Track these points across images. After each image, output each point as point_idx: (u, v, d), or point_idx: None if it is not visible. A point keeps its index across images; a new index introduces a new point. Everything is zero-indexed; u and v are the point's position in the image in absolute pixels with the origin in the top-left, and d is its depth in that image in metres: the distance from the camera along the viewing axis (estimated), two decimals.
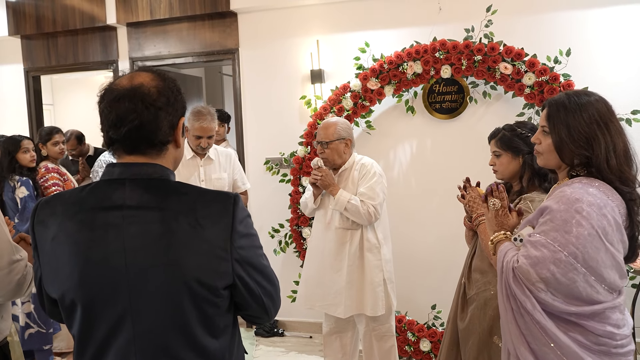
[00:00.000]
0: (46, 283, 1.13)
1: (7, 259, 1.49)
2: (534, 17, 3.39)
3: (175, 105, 1.13)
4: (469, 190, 2.04)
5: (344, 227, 2.72)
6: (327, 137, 2.73)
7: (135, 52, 4.27)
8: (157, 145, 1.11)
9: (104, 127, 1.10)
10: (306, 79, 3.86)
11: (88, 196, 1.10)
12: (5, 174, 3.32)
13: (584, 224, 1.37)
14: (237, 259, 1.09)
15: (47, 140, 3.64)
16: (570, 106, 1.48)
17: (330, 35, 3.80)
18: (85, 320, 1.08)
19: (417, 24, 3.59)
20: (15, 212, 3.33)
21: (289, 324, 4.09)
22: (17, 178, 3.31)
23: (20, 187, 3.30)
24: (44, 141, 3.64)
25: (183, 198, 1.09)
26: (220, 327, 1.12)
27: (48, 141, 3.64)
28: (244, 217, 1.12)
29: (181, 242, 1.05)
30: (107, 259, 1.05)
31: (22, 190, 3.30)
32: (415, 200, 3.72)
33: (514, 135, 2.06)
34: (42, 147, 3.63)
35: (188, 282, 1.05)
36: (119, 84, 1.09)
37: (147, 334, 1.06)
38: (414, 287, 3.70)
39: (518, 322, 1.44)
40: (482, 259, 2.05)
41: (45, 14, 4.34)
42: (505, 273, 1.46)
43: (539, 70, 3.19)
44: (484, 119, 3.50)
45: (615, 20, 3.27)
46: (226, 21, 4.01)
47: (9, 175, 3.34)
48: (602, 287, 1.39)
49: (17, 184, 3.30)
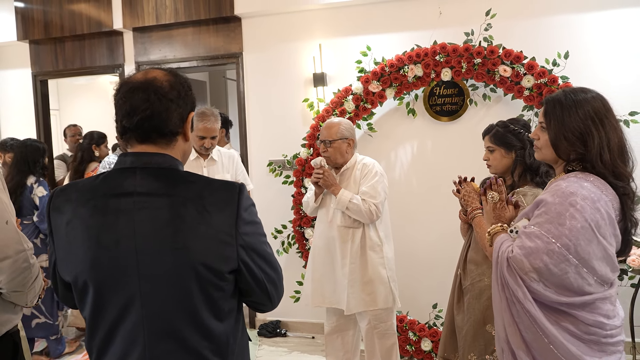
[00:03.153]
0: (60, 267, 1.19)
1: (14, 248, 1.54)
2: (533, 21, 3.45)
3: (186, 100, 1.19)
4: (463, 185, 2.10)
5: (345, 225, 2.77)
6: (330, 136, 2.78)
7: (141, 57, 4.34)
8: (167, 135, 1.16)
9: (117, 117, 1.16)
10: (309, 82, 3.92)
11: (101, 184, 1.15)
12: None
13: (577, 217, 1.41)
14: (241, 245, 1.13)
15: (101, 142, 4.10)
16: (566, 103, 1.52)
17: (332, 39, 3.86)
18: (97, 303, 1.13)
19: (417, 27, 3.65)
20: (31, 211, 3.45)
21: (291, 325, 4.12)
22: (34, 179, 3.45)
23: (38, 187, 3.45)
24: (97, 143, 4.08)
25: (191, 186, 1.14)
26: (225, 310, 1.16)
27: (102, 144, 4.10)
28: (248, 205, 1.17)
29: (189, 227, 1.10)
30: (118, 243, 1.10)
31: (41, 190, 3.44)
32: (417, 200, 3.77)
33: (507, 132, 2.13)
34: (95, 149, 4.05)
35: (195, 265, 1.10)
36: (134, 78, 1.16)
37: (156, 316, 1.11)
38: (415, 287, 3.73)
39: (511, 311, 1.49)
40: (476, 251, 2.10)
41: (53, 20, 4.43)
42: (500, 263, 1.50)
43: (537, 72, 3.24)
44: (484, 121, 3.53)
45: (611, 23, 3.32)
46: (230, 26, 4.08)
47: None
48: (593, 279, 1.43)
49: (35, 185, 3.44)
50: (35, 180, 3.45)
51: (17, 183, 3.35)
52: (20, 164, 3.41)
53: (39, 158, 3.47)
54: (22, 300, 1.63)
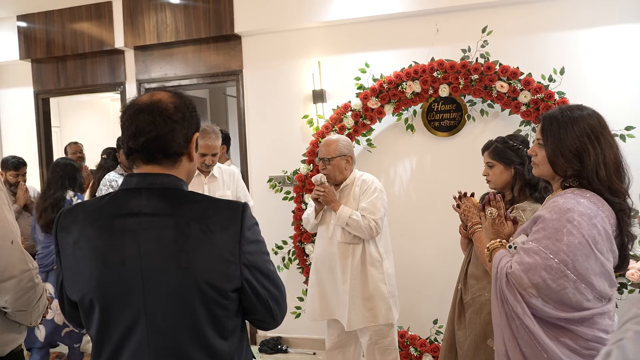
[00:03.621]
0: (67, 286, 1.20)
1: (20, 268, 1.55)
2: (528, 37, 3.50)
3: (190, 121, 1.21)
4: (463, 200, 2.12)
5: (345, 242, 2.78)
6: (329, 153, 2.81)
7: (142, 75, 4.39)
8: (171, 156, 1.19)
9: (124, 139, 1.19)
10: (308, 99, 3.97)
11: (107, 204, 1.18)
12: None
13: (574, 232, 1.42)
14: (245, 264, 1.15)
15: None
16: (563, 120, 1.55)
17: (331, 56, 3.91)
18: (103, 322, 1.14)
19: (415, 44, 3.70)
20: None
21: (292, 341, 4.11)
22: (72, 193, 3.63)
23: (77, 200, 3.63)
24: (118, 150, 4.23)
25: (195, 205, 1.16)
26: (229, 329, 1.18)
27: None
28: (251, 224, 1.19)
29: (193, 246, 1.12)
30: (124, 263, 1.12)
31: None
32: (416, 215, 3.78)
33: (506, 147, 2.15)
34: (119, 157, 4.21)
35: (199, 284, 1.11)
36: (140, 100, 1.19)
37: (160, 335, 1.12)
38: (416, 302, 3.73)
39: (511, 326, 1.50)
40: (477, 266, 2.12)
41: (55, 39, 4.48)
42: (499, 278, 1.52)
43: (534, 88, 3.28)
44: (482, 136, 3.57)
45: (605, 39, 3.37)
46: (230, 44, 4.14)
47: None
48: (591, 294, 1.44)
49: (75, 198, 3.62)
50: (74, 194, 3.64)
51: (58, 198, 3.55)
52: (61, 180, 3.62)
53: (75, 174, 3.70)
54: (26, 319, 1.64)
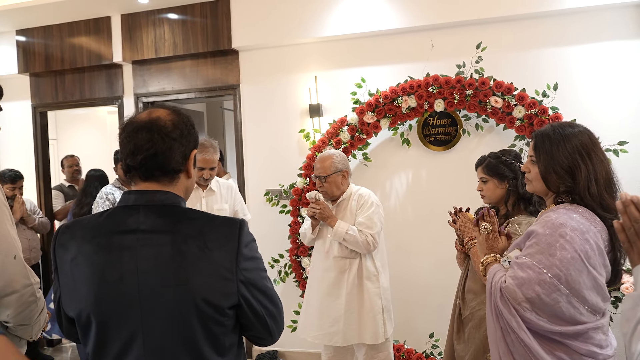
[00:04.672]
0: (64, 302, 1.21)
1: (22, 282, 1.56)
2: (522, 53, 3.55)
3: (189, 138, 1.23)
4: (459, 216, 2.14)
5: (342, 256, 2.79)
6: (325, 171, 2.82)
7: (140, 89, 4.42)
8: (169, 173, 1.20)
9: (122, 156, 1.20)
10: (305, 113, 4.00)
11: (105, 221, 1.19)
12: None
13: (567, 247, 1.44)
14: (242, 280, 1.16)
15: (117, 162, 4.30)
16: (555, 137, 1.58)
17: (327, 71, 3.95)
18: (100, 338, 1.14)
19: (410, 60, 3.75)
20: None
21: (289, 355, 4.09)
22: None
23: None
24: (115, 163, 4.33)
25: (193, 223, 1.17)
26: (225, 345, 1.18)
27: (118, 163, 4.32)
28: (249, 241, 1.19)
29: (190, 263, 1.12)
30: (121, 279, 1.13)
31: None
32: (412, 229, 3.80)
33: (499, 162, 2.18)
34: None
35: (196, 301, 1.12)
36: (138, 118, 1.20)
37: (157, 352, 1.12)
38: (412, 316, 3.73)
39: (506, 340, 1.51)
40: (474, 281, 2.13)
41: (54, 53, 4.52)
42: (494, 293, 1.53)
43: (528, 103, 3.32)
44: (477, 151, 3.60)
45: (598, 55, 3.42)
46: (228, 58, 4.18)
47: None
48: (584, 309, 1.46)
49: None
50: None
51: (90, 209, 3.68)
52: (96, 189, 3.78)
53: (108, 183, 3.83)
54: (27, 334, 1.65)
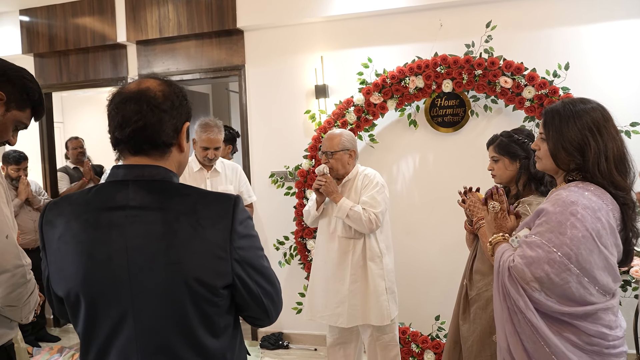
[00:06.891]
0: (53, 281, 1.16)
1: (13, 263, 1.53)
2: (533, 33, 3.47)
3: (180, 110, 1.16)
4: (469, 195, 2.11)
5: (346, 236, 2.77)
6: (332, 147, 2.79)
7: (144, 69, 4.37)
8: (160, 147, 1.13)
9: (110, 129, 1.14)
10: (310, 94, 3.95)
11: (94, 197, 1.13)
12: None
13: (578, 226, 1.40)
14: (236, 259, 1.10)
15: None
16: (565, 114, 1.53)
17: (333, 51, 3.89)
18: (89, 318, 1.10)
19: (418, 39, 3.67)
20: None
21: (294, 337, 4.10)
22: None
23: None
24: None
25: (185, 199, 1.11)
26: (220, 326, 1.13)
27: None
28: (244, 218, 1.13)
29: (182, 242, 1.07)
30: (110, 258, 1.07)
31: None
32: (419, 211, 3.77)
33: (511, 141, 2.14)
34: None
35: (188, 281, 1.06)
36: (127, 88, 1.14)
37: (149, 333, 1.08)
38: (418, 298, 3.72)
39: (513, 321, 1.48)
40: (483, 262, 2.10)
41: (57, 33, 4.48)
42: (502, 272, 1.50)
43: (538, 84, 3.26)
44: (485, 132, 3.55)
45: (611, 35, 3.34)
46: (233, 39, 4.12)
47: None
48: (595, 289, 1.42)
49: None
50: None
51: None
52: None
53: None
54: (16, 315, 1.61)
